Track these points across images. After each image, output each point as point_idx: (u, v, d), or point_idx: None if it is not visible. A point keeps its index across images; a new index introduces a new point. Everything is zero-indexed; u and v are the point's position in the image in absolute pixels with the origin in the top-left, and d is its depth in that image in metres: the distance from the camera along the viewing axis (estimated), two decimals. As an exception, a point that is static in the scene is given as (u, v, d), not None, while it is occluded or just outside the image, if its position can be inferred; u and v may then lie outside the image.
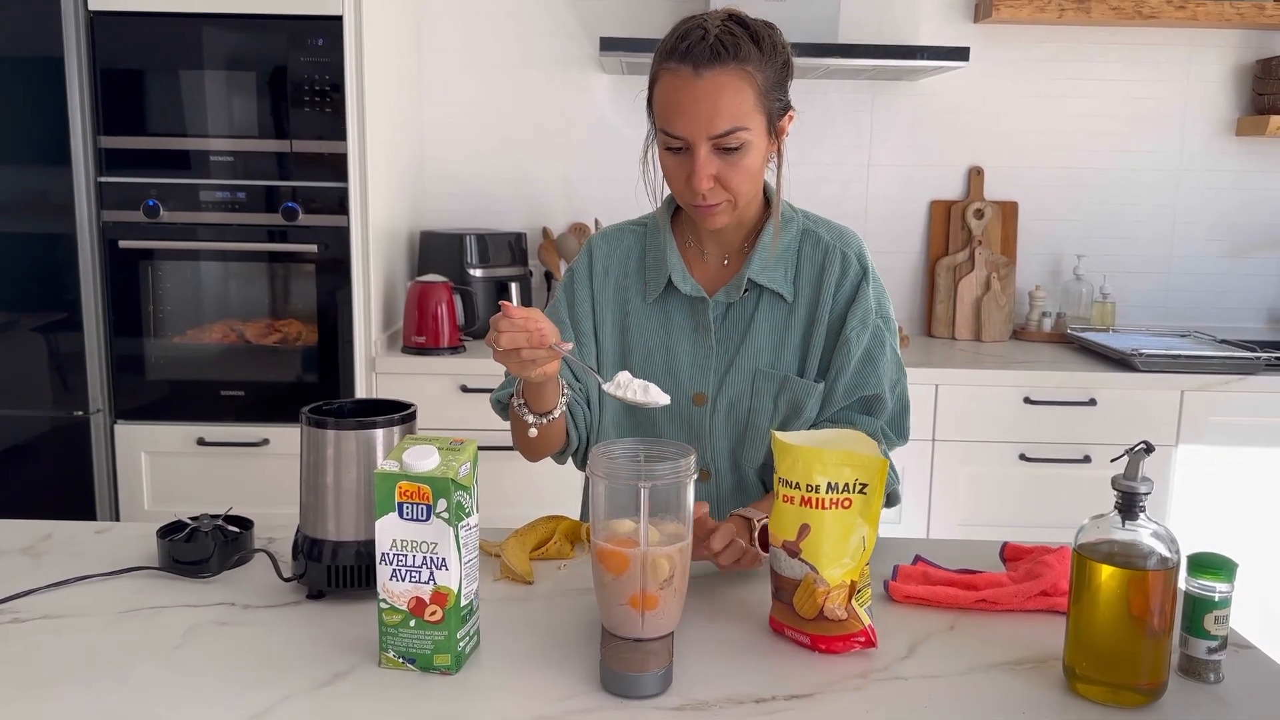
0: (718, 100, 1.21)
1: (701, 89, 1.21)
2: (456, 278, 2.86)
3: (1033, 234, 3.22)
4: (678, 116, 1.23)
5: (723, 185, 1.26)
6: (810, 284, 1.37)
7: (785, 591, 1.11)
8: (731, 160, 1.24)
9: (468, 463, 1.02)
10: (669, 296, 1.39)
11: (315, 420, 1.16)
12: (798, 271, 1.37)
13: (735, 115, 1.22)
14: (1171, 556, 0.97)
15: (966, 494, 2.72)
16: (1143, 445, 0.96)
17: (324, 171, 2.57)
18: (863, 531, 1.08)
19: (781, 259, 1.35)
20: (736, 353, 1.36)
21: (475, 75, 3.14)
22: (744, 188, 1.27)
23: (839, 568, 1.07)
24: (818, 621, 1.08)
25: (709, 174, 1.24)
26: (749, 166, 1.26)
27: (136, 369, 2.66)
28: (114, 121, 2.56)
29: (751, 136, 1.24)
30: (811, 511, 1.07)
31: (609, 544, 1.01)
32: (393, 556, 1.00)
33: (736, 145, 1.23)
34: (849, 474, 1.07)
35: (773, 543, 1.12)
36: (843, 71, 2.96)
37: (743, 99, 1.22)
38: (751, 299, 1.37)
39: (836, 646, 1.09)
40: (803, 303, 1.37)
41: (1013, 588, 1.18)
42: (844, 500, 1.07)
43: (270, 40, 2.53)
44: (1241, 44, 3.11)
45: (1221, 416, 2.66)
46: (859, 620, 1.08)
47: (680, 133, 1.23)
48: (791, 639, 1.12)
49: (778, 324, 1.37)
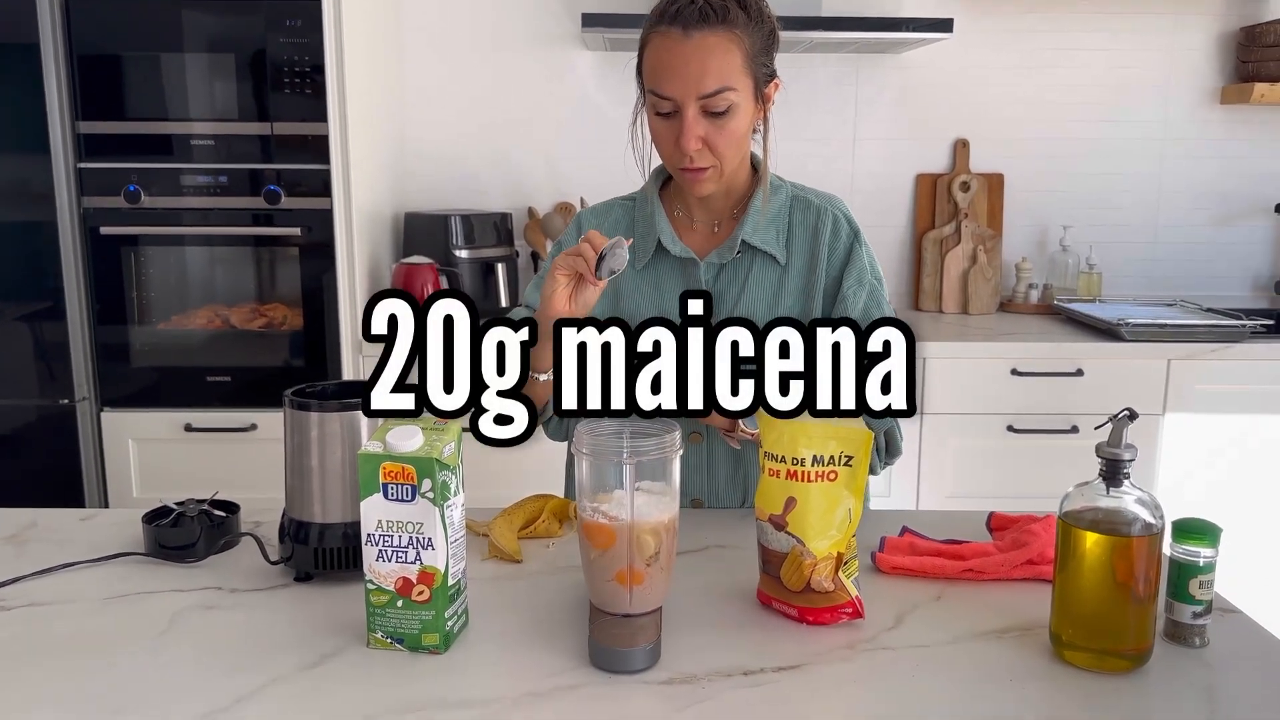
0: (706, 60, 1.24)
1: (690, 49, 1.24)
2: (442, 259, 2.84)
3: (1018, 206, 3.22)
4: (667, 77, 1.26)
5: (710, 148, 1.28)
6: (803, 246, 1.39)
7: (772, 565, 1.12)
8: (719, 124, 1.27)
9: (452, 442, 1.02)
10: (659, 262, 1.41)
11: (298, 403, 1.15)
12: (789, 235, 1.40)
13: (723, 75, 1.24)
14: (1156, 523, 0.97)
15: (955, 466, 2.73)
16: (1126, 412, 0.97)
17: (306, 154, 2.55)
18: (849, 504, 1.09)
19: (773, 222, 1.38)
20: (730, 314, 1.37)
21: (456, 54, 3.11)
22: (730, 152, 1.29)
23: (825, 540, 1.08)
24: (805, 594, 1.09)
25: (697, 135, 1.26)
26: (735, 130, 1.28)
27: (122, 356, 2.65)
28: (92, 107, 2.53)
29: (738, 99, 1.27)
30: (798, 485, 1.08)
31: (595, 519, 1.01)
32: (378, 537, 1.00)
33: (724, 108, 1.26)
34: (834, 446, 1.08)
35: (759, 517, 1.13)
36: (827, 45, 2.95)
37: (730, 60, 1.25)
38: (745, 262, 1.39)
39: (824, 618, 1.09)
40: (797, 264, 1.39)
41: (999, 557, 1.19)
42: (830, 473, 1.08)
43: (248, 22, 2.50)
44: (1225, 11, 3.11)
45: (1208, 385, 2.67)
46: (846, 591, 1.09)
47: (669, 93, 1.26)
48: (779, 611, 1.13)
49: (771, 286, 1.38)
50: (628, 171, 1.49)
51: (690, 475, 1.42)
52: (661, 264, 1.42)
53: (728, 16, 1.24)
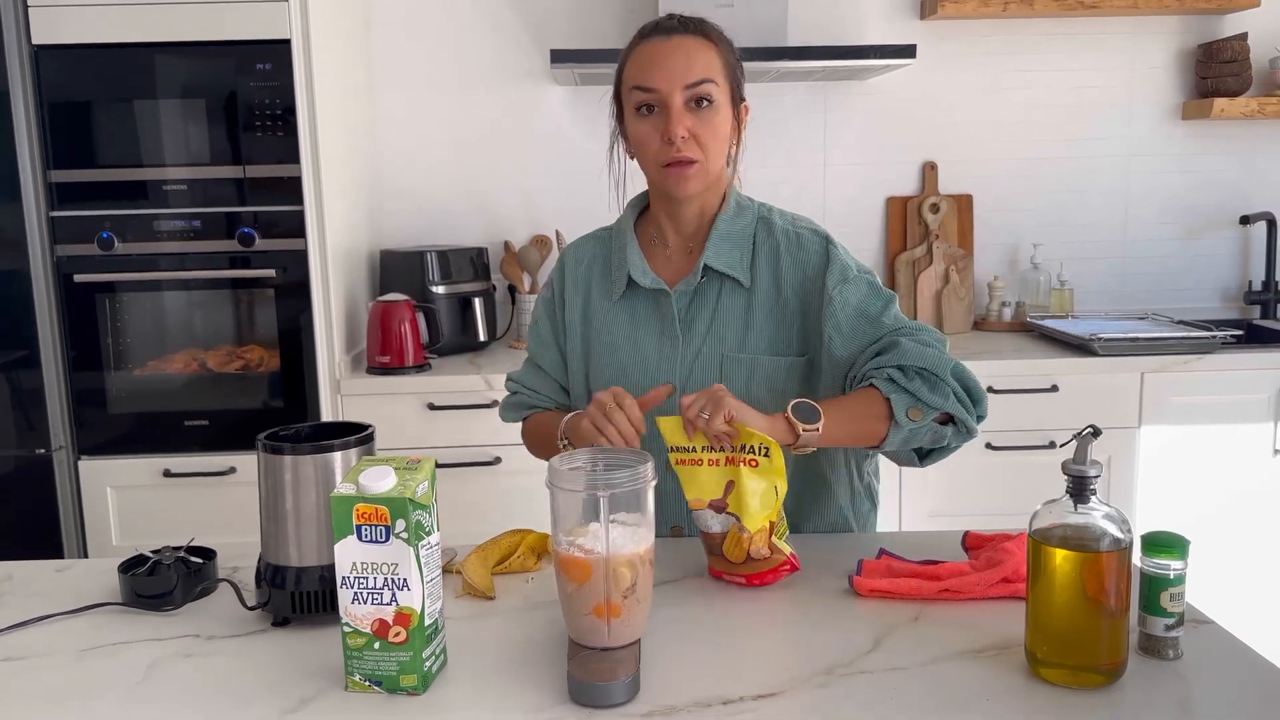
0: (690, 55, 1.33)
1: (674, 46, 1.34)
2: (419, 295, 2.85)
3: (989, 225, 3.25)
4: (652, 72, 1.33)
5: (695, 140, 1.33)
6: (767, 266, 1.40)
7: (715, 545, 1.26)
8: (703, 117, 1.33)
9: (425, 481, 1.02)
10: (633, 294, 1.44)
11: (271, 446, 1.15)
12: (754, 257, 1.41)
13: (706, 69, 1.33)
14: (1124, 537, 0.98)
15: (935, 485, 2.74)
16: (1090, 429, 0.98)
17: (279, 195, 2.56)
18: (775, 481, 1.23)
19: (737, 245, 1.40)
20: (703, 342, 1.39)
21: (428, 92, 3.13)
22: (713, 146, 1.34)
23: (761, 514, 1.22)
24: (747, 563, 1.24)
25: (685, 124, 1.31)
26: (718, 126, 1.34)
27: (98, 403, 2.63)
28: (63, 155, 2.54)
29: (719, 95, 1.34)
30: (736, 470, 1.22)
31: (570, 553, 1.01)
32: (353, 579, 1.00)
33: (708, 99, 1.32)
34: (755, 439, 1.22)
35: (696, 507, 1.25)
36: (794, 74, 2.98)
37: (711, 59, 1.34)
38: (713, 288, 1.41)
39: (768, 579, 1.26)
40: (761, 286, 1.40)
41: (975, 576, 1.20)
42: (753, 460, 1.22)
43: (218, 67, 2.51)
44: (1183, 29, 3.17)
45: (1182, 396, 2.69)
46: (781, 552, 1.25)
47: (655, 84, 1.33)
48: (730, 582, 1.28)
49: (739, 309, 1.39)
50: (602, 203, 1.54)
51: (669, 503, 1.42)
52: (635, 296, 1.44)
53: (704, 29, 1.36)
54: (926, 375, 1.28)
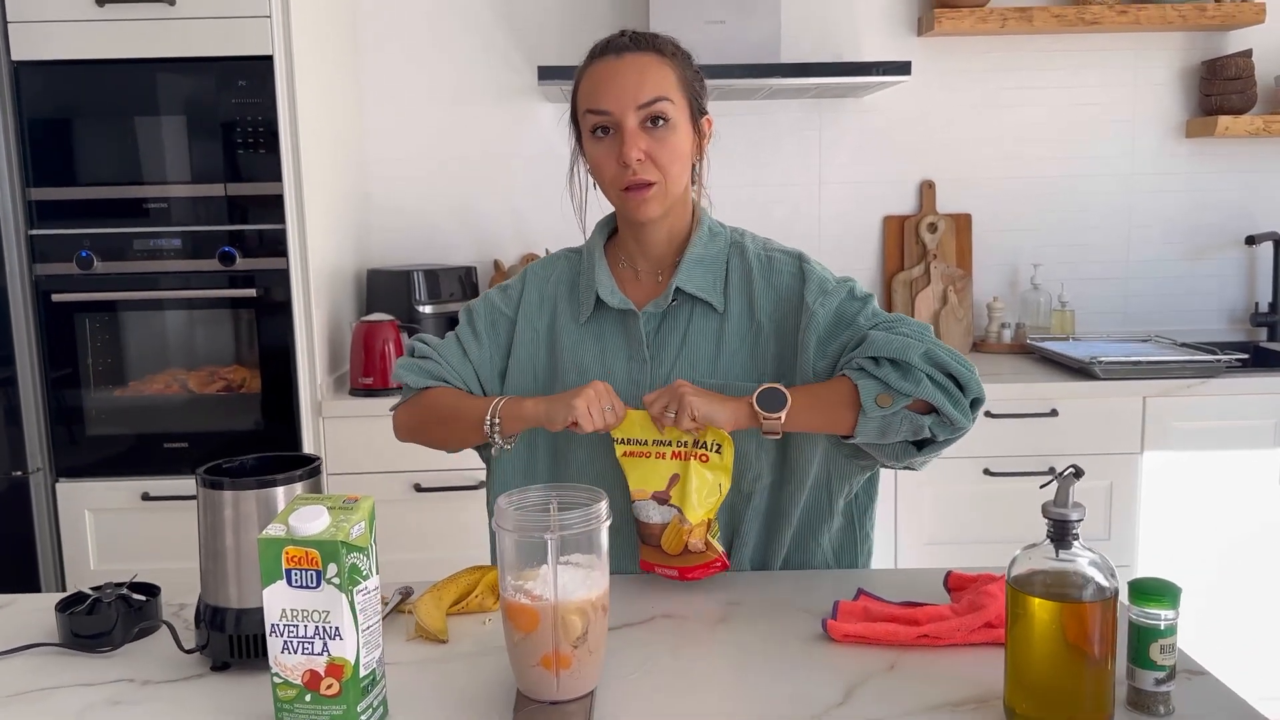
0: (643, 73, 1.27)
1: (626, 66, 1.28)
2: (405, 315, 2.79)
3: (988, 245, 3.19)
4: (604, 93, 1.28)
5: (652, 161, 1.28)
6: (741, 291, 1.37)
7: (653, 536, 1.29)
8: (659, 136, 1.28)
9: (362, 522, 0.96)
10: (602, 315, 1.39)
11: (210, 481, 1.09)
12: (727, 281, 1.37)
13: (659, 86, 1.28)
14: (1109, 585, 0.92)
15: (931, 512, 2.67)
16: (1071, 469, 0.91)
17: (261, 213, 2.51)
18: (721, 479, 1.29)
19: (710, 268, 1.36)
20: (672, 365, 1.35)
21: (416, 109, 3.09)
22: (672, 167, 1.29)
23: (702, 508, 1.27)
24: (682, 555, 1.28)
25: (639, 146, 1.27)
26: (676, 145, 1.29)
27: (76, 425, 2.58)
28: (43, 172, 2.49)
29: (675, 113, 1.28)
30: (683, 463, 1.27)
31: (516, 599, 0.95)
32: (283, 627, 0.94)
33: (663, 118, 1.27)
34: (709, 435, 1.26)
35: (639, 497, 1.28)
36: (787, 91, 2.93)
37: (664, 76, 1.29)
38: (685, 311, 1.37)
39: (700, 574, 1.30)
40: (735, 311, 1.36)
41: (955, 621, 1.13)
42: (704, 455, 1.27)
43: (200, 83, 2.47)
44: (1186, 46, 3.11)
45: (1185, 421, 2.62)
46: (715, 549, 1.29)
47: (607, 106, 1.27)
48: (662, 574, 1.32)
49: (712, 333, 1.35)
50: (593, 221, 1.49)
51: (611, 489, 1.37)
52: (603, 317, 1.40)
53: (657, 45, 1.31)
54: (897, 362, 1.22)
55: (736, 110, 3.11)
